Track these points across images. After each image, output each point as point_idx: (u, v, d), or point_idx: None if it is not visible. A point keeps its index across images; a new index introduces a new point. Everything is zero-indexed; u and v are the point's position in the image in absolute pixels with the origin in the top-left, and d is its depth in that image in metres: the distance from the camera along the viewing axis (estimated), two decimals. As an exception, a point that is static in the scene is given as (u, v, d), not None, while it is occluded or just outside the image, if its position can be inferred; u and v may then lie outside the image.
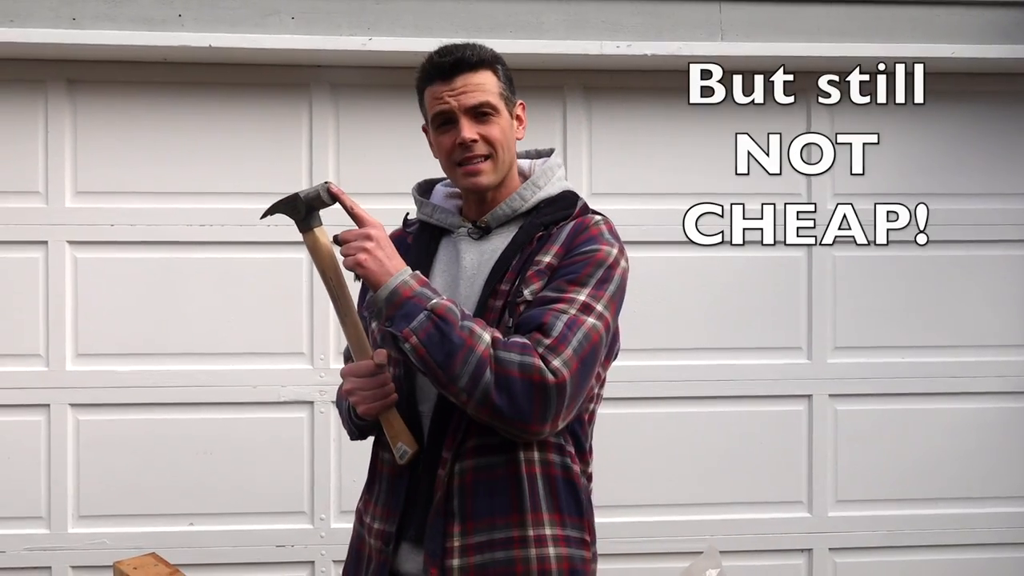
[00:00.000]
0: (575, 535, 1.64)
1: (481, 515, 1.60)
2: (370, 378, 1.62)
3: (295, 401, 3.10)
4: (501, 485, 1.60)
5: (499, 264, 1.65)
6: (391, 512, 1.67)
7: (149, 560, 2.57)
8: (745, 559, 3.19)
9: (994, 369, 3.31)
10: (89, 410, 3.05)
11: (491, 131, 1.65)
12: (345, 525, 3.10)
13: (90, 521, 3.06)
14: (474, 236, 1.71)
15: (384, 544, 1.66)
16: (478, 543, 1.60)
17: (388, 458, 1.69)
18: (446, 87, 1.65)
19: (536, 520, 1.61)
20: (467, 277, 1.68)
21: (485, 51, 1.68)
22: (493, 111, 1.66)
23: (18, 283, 3.04)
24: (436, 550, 1.60)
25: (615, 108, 3.20)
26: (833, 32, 3.10)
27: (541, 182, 1.72)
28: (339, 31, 2.97)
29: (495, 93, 1.66)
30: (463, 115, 1.65)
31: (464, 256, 1.70)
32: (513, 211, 1.70)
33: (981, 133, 3.32)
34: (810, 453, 3.26)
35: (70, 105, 3.07)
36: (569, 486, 1.65)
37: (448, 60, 1.65)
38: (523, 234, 1.67)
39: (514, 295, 1.60)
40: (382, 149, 3.14)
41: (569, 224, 1.68)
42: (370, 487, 1.76)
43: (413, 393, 1.67)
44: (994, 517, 3.32)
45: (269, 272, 3.08)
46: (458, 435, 1.61)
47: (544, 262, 1.63)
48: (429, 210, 1.78)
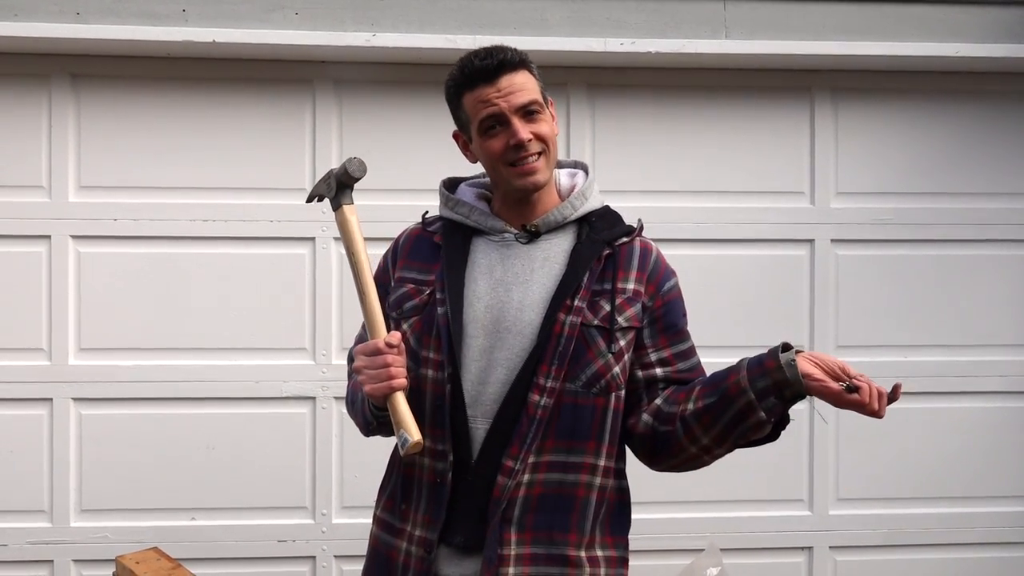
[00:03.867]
0: (620, 555, 1.71)
1: (540, 527, 1.62)
2: (380, 356, 1.58)
3: (297, 396, 3.10)
4: (566, 503, 1.64)
5: (568, 278, 1.65)
6: (434, 519, 1.64)
7: (151, 554, 2.58)
8: (746, 557, 3.19)
9: (996, 368, 3.31)
10: (91, 404, 3.06)
11: (542, 128, 1.66)
12: (347, 520, 3.11)
13: (92, 515, 3.07)
14: (523, 240, 1.70)
15: (426, 552, 1.64)
16: (534, 554, 1.62)
17: (428, 464, 1.65)
18: (492, 89, 1.63)
19: (591, 542, 1.66)
20: (520, 283, 1.66)
21: (519, 52, 1.68)
22: (540, 109, 1.66)
23: (21, 277, 3.04)
24: (493, 557, 1.60)
25: (618, 105, 3.19)
26: (837, 30, 3.10)
27: (588, 194, 1.74)
28: (343, 27, 2.97)
29: (538, 91, 1.67)
30: (514, 115, 1.64)
31: (513, 260, 1.68)
32: (564, 218, 1.71)
33: (985, 132, 3.31)
34: (811, 451, 3.26)
35: (74, 100, 3.07)
36: (622, 507, 1.73)
37: (492, 62, 1.64)
38: (587, 249, 1.68)
39: (610, 322, 1.64)
40: (386, 145, 3.14)
41: (636, 246, 1.73)
42: (405, 494, 1.71)
43: (461, 397, 1.63)
44: (995, 516, 3.32)
45: (272, 267, 3.09)
46: (529, 446, 1.61)
47: (630, 289, 1.69)
48: (465, 211, 1.73)
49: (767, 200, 3.24)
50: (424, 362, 1.65)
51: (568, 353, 1.61)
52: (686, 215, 3.20)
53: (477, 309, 1.65)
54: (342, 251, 3.10)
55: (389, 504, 1.74)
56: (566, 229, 1.71)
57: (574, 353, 1.62)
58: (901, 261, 3.28)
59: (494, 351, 1.64)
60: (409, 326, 1.69)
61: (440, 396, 1.63)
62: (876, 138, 3.28)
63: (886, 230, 3.27)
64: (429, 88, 3.14)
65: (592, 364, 1.63)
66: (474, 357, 1.64)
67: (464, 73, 1.66)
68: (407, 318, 1.70)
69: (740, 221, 3.22)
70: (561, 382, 1.62)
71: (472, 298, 1.66)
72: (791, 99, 3.25)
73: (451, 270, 1.67)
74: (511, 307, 1.64)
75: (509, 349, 1.63)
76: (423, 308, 1.68)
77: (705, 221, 3.21)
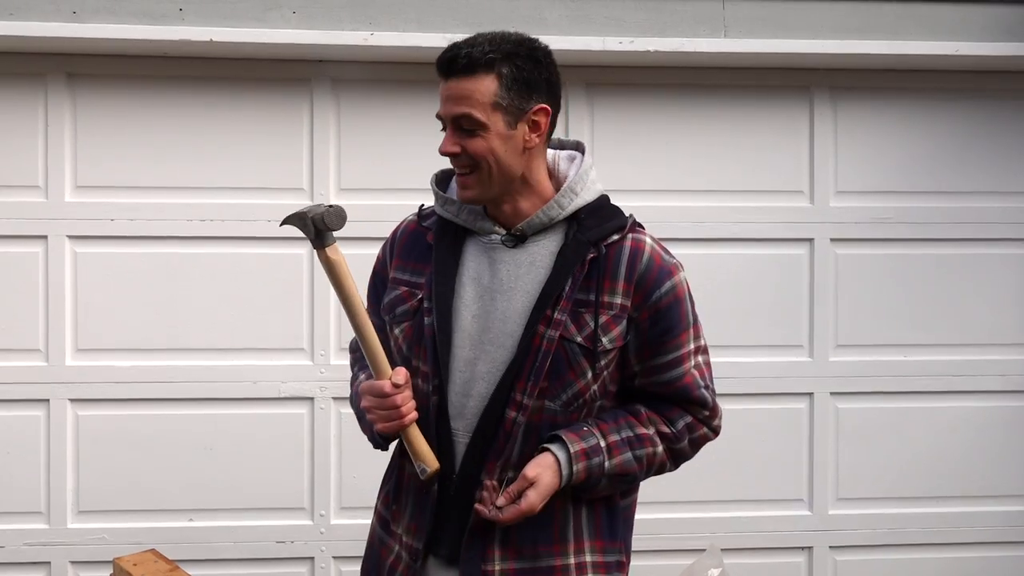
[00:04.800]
0: (613, 559, 1.67)
1: (524, 542, 1.59)
2: (388, 398, 1.56)
3: (295, 397, 3.09)
4: (546, 514, 1.59)
5: (549, 288, 1.56)
6: (419, 528, 1.63)
7: (149, 556, 2.57)
8: (745, 557, 3.18)
9: (996, 368, 3.30)
10: (89, 405, 3.04)
11: (472, 145, 1.54)
12: (345, 521, 3.10)
13: (89, 516, 3.06)
14: (508, 244, 1.62)
15: (412, 560, 1.63)
16: (519, 569, 1.59)
17: (412, 471, 1.63)
18: (443, 87, 1.56)
19: (578, 548, 1.63)
20: (504, 291, 1.60)
21: (489, 51, 1.53)
22: (476, 125, 1.53)
23: (18, 277, 3.03)
24: (474, 573, 1.57)
25: (617, 104, 3.18)
26: (837, 29, 3.09)
27: (578, 188, 1.62)
28: (340, 26, 2.96)
29: (484, 103, 1.52)
30: (449, 124, 1.57)
31: (499, 266, 1.61)
32: (550, 220, 1.61)
33: (985, 131, 3.30)
34: (811, 451, 3.26)
35: (70, 99, 3.05)
36: (610, 512, 1.67)
37: (445, 56, 1.55)
38: (571, 253, 1.58)
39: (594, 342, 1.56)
40: (383, 144, 3.13)
41: (625, 247, 1.61)
42: (396, 496, 1.70)
43: (445, 409, 1.61)
44: (995, 516, 3.32)
45: (269, 267, 3.07)
46: (502, 460, 1.58)
47: (616, 304, 1.58)
48: (455, 209, 1.65)
49: (766, 199, 3.23)
50: (414, 371, 1.63)
51: (545, 369, 1.56)
52: (685, 214, 3.19)
53: (465, 319, 1.61)
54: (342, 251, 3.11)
55: (386, 500, 1.74)
56: (555, 229, 1.62)
57: (553, 369, 1.56)
58: (901, 260, 3.28)
59: (477, 363, 1.60)
60: (401, 331, 1.67)
61: (426, 408, 1.61)
62: (875, 137, 3.27)
63: (886, 229, 3.26)
64: (427, 87, 3.12)
65: (573, 384, 1.58)
66: (459, 368, 1.60)
67: (438, 58, 1.58)
68: (399, 323, 1.67)
69: (739, 220, 3.21)
70: (539, 399, 1.57)
71: (460, 306, 1.61)
72: (790, 98, 3.24)
73: (441, 277, 1.62)
74: (495, 317, 1.60)
75: (491, 362, 1.59)
76: (413, 314, 1.65)
77: (704, 220, 3.20)
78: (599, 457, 1.56)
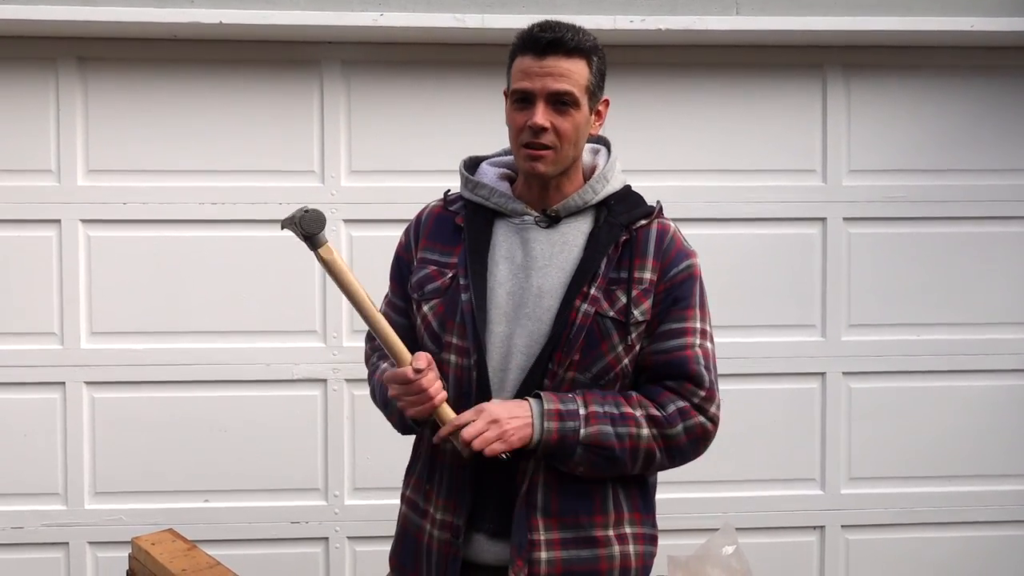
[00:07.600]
0: (648, 532, 1.74)
1: (567, 512, 1.64)
2: (412, 383, 1.59)
3: (308, 379, 3.11)
4: (588, 487, 1.66)
5: (585, 265, 1.64)
6: (457, 504, 1.66)
7: (167, 536, 2.60)
8: (757, 536, 3.19)
9: (1008, 347, 3.29)
10: (104, 388, 3.07)
11: (563, 124, 1.62)
12: (359, 502, 3.12)
13: (106, 498, 3.09)
14: (543, 225, 1.69)
15: (453, 536, 1.65)
16: (563, 539, 1.64)
17: (449, 447, 1.66)
18: (536, 63, 1.61)
19: (618, 520, 1.68)
20: (539, 268, 1.66)
21: (586, 39, 1.64)
22: (573, 103, 1.62)
23: (32, 262, 3.04)
24: (523, 542, 1.61)
25: (628, 84, 3.17)
26: (849, 5, 3.06)
27: (609, 176, 1.72)
28: (350, 7, 2.95)
29: (581, 85, 1.62)
30: (542, 99, 1.62)
31: (533, 245, 1.68)
32: (585, 203, 1.70)
33: (999, 108, 3.27)
34: (823, 431, 3.26)
35: (81, 83, 3.06)
36: (644, 487, 1.74)
37: (546, 37, 1.61)
38: (604, 235, 1.66)
39: (626, 315, 1.63)
40: (393, 126, 3.12)
41: (652, 230, 1.70)
42: (429, 475, 1.72)
43: (486, 383, 1.64)
44: (1007, 495, 3.31)
45: (282, 250, 3.08)
46: None
47: (646, 279, 1.66)
48: (486, 192, 1.73)
49: (778, 178, 3.22)
50: (447, 347, 1.66)
51: (579, 342, 1.62)
52: (696, 194, 3.18)
53: (499, 295, 1.66)
54: (352, 233, 3.12)
55: (417, 484, 1.76)
56: (586, 213, 1.71)
57: (587, 343, 1.62)
58: (913, 239, 3.26)
59: (513, 337, 1.65)
60: (430, 308, 1.70)
61: (467, 383, 1.65)
62: (889, 115, 3.25)
63: (898, 208, 3.24)
64: (437, 68, 3.13)
65: (604, 357, 1.64)
66: (496, 343, 1.65)
67: (523, 37, 1.65)
68: (428, 300, 1.70)
69: (751, 200, 3.20)
70: (571, 371, 1.63)
71: (494, 284, 1.67)
72: (803, 76, 3.22)
73: (474, 255, 1.67)
74: (531, 293, 1.65)
75: (528, 336, 1.64)
76: (445, 291, 1.69)
77: (716, 200, 3.19)
78: (574, 422, 1.59)
